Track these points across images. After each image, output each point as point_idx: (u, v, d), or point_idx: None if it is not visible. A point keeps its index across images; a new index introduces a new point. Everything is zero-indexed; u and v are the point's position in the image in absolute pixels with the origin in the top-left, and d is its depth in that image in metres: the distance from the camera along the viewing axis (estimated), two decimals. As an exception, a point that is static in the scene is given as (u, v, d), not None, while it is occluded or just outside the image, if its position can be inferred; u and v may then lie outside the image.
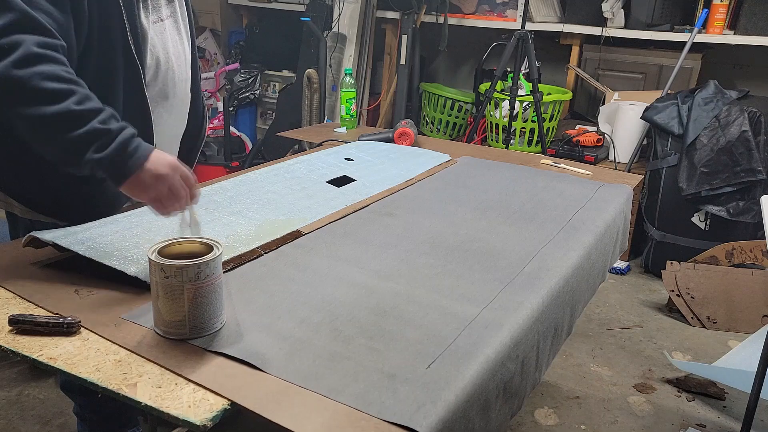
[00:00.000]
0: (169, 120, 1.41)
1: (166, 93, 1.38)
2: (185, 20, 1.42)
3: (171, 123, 1.43)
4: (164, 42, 1.34)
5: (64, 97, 1.03)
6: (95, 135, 1.03)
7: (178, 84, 1.41)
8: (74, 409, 1.72)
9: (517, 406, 1.07)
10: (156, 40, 1.32)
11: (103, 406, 1.62)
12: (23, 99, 1.03)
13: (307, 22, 3.73)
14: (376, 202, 1.55)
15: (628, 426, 2.06)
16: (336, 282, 1.14)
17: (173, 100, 1.40)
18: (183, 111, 1.47)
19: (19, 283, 1.08)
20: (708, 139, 2.83)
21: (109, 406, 1.62)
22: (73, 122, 1.03)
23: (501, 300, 1.11)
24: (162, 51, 1.34)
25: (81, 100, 1.04)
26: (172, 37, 1.37)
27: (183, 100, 1.45)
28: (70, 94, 1.03)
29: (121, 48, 1.23)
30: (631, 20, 3.47)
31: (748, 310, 2.65)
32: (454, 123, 3.93)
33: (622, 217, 1.69)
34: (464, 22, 3.86)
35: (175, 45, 1.38)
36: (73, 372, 0.87)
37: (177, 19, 1.39)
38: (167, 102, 1.39)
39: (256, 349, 0.92)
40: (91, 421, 1.68)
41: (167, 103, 1.39)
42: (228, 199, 1.44)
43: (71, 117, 1.03)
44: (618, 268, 3.17)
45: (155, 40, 1.32)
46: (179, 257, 0.93)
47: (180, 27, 1.40)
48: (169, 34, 1.36)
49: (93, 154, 1.03)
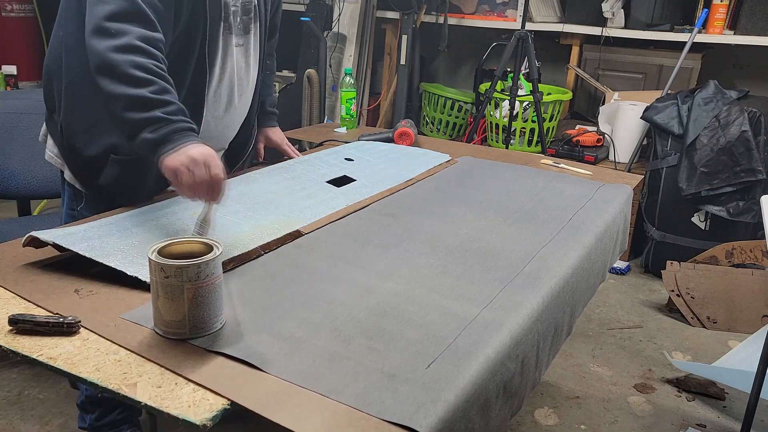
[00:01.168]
0: (216, 129, 1.55)
1: (219, 109, 1.53)
2: (256, 52, 1.58)
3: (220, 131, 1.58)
4: (232, 65, 1.50)
5: (144, 84, 1.20)
6: (155, 120, 1.19)
7: (235, 104, 1.56)
8: (78, 401, 1.73)
9: (517, 406, 1.07)
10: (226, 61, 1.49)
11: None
12: (113, 77, 1.20)
13: (307, 22, 3.73)
14: (376, 202, 1.55)
15: (628, 426, 2.06)
16: (336, 282, 1.14)
17: (226, 115, 1.56)
18: (236, 123, 1.63)
19: (19, 283, 1.08)
20: (708, 139, 2.83)
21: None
22: (142, 106, 1.19)
23: (501, 300, 1.11)
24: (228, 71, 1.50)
25: (157, 90, 1.21)
26: (239, 63, 1.53)
27: (236, 117, 1.60)
28: (150, 83, 1.20)
29: (197, 55, 1.40)
30: (631, 20, 3.47)
31: (748, 310, 2.65)
32: (454, 123, 3.93)
33: (622, 217, 1.69)
34: (464, 22, 3.86)
35: (240, 70, 1.54)
36: (73, 372, 0.87)
37: (248, 48, 1.55)
38: (220, 116, 1.54)
39: (256, 349, 0.92)
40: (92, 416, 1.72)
41: (220, 116, 1.54)
42: (228, 199, 1.44)
43: (142, 101, 1.19)
44: (618, 268, 3.17)
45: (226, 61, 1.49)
46: (179, 257, 0.93)
47: (249, 56, 1.56)
48: (236, 59, 1.52)
49: (146, 134, 1.19)
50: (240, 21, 1.49)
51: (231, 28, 1.47)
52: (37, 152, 2.15)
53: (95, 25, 1.22)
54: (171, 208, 1.36)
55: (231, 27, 1.47)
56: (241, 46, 1.52)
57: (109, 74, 1.20)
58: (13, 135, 2.18)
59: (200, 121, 1.46)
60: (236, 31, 1.49)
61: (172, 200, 1.41)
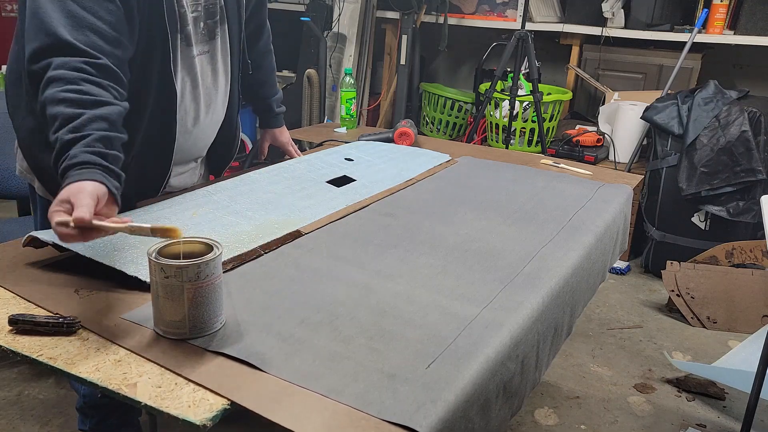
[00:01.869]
0: (186, 143, 1.48)
1: (187, 124, 1.46)
2: (225, 56, 1.50)
3: (192, 142, 1.51)
4: (194, 77, 1.42)
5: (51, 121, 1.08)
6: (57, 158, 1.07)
7: (202, 116, 1.49)
8: (77, 405, 1.73)
9: (517, 406, 1.07)
10: (186, 74, 1.40)
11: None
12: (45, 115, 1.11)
13: (307, 22, 3.73)
14: (376, 202, 1.55)
15: (628, 426, 2.06)
16: (336, 282, 1.14)
17: (195, 129, 1.49)
18: (208, 133, 1.56)
19: (19, 283, 1.08)
20: (708, 139, 2.84)
21: None
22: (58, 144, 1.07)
23: (501, 300, 1.11)
24: (190, 84, 1.42)
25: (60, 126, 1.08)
26: (203, 72, 1.45)
27: (206, 127, 1.53)
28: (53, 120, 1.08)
29: (157, 72, 1.32)
30: (631, 20, 3.47)
31: (748, 310, 2.65)
32: (454, 123, 3.93)
33: (622, 217, 1.69)
34: (464, 22, 3.86)
35: (205, 80, 1.46)
36: (73, 372, 0.87)
37: (215, 54, 1.47)
38: (188, 130, 1.47)
39: (256, 349, 0.92)
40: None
41: (188, 130, 1.47)
42: (228, 199, 1.44)
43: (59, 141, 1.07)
44: (618, 268, 3.17)
45: (185, 78, 1.40)
46: (179, 257, 0.93)
47: (217, 62, 1.48)
48: (201, 71, 1.43)
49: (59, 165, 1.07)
50: (204, 26, 1.40)
51: (189, 38, 1.37)
52: (37, 152, 2.15)
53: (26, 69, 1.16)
54: (171, 208, 1.36)
55: (189, 37, 1.37)
56: (206, 54, 1.44)
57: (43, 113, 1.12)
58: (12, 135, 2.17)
59: (173, 137, 1.42)
60: (199, 39, 1.40)
61: (172, 200, 1.41)
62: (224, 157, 1.68)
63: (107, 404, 1.67)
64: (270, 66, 1.79)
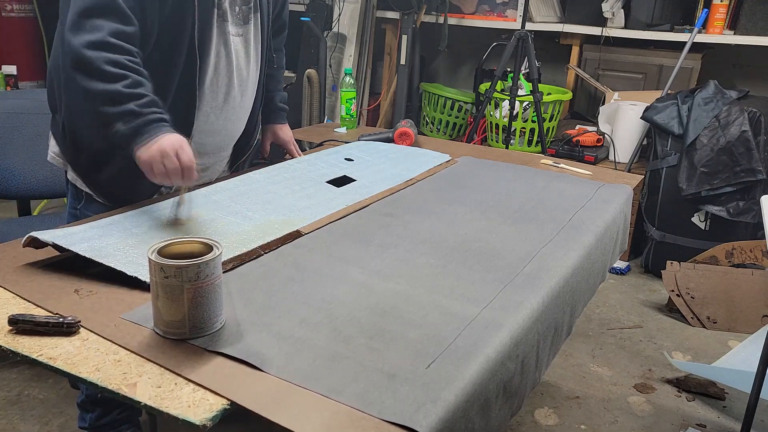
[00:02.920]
0: (217, 122, 1.54)
1: (218, 99, 1.51)
2: (257, 43, 1.57)
3: (222, 124, 1.56)
4: (229, 53, 1.49)
5: (117, 79, 1.23)
6: (127, 113, 1.23)
7: (235, 95, 1.54)
8: (78, 401, 1.73)
9: (517, 406, 1.07)
10: (221, 49, 1.47)
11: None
12: (87, 73, 1.24)
13: (307, 22, 3.73)
14: (376, 202, 1.55)
15: (628, 426, 2.06)
16: (336, 282, 1.14)
17: (226, 106, 1.53)
18: (240, 117, 1.60)
19: (19, 283, 1.08)
20: (708, 139, 2.83)
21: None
22: (115, 100, 1.23)
23: (501, 300, 1.11)
24: (225, 59, 1.48)
25: (130, 84, 1.24)
26: (238, 52, 1.51)
27: (238, 109, 1.58)
28: (123, 78, 1.24)
29: (187, 41, 1.39)
30: (631, 20, 3.47)
31: (748, 310, 2.65)
32: (454, 123, 3.93)
33: (622, 217, 1.69)
34: (464, 22, 3.86)
35: (239, 59, 1.52)
36: (73, 372, 0.87)
37: (248, 38, 1.54)
38: (219, 106, 1.52)
39: (256, 349, 0.92)
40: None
41: (219, 106, 1.52)
42: (228, 199, 1.44)
43: (115, 96, 1.23)
44: (618, 268, 3.17)
45: (221, 52, 1.47)
46: (179, 257, 0.93)
47: (249, 47, 1.55)
48: (235, 50, 1.50)
49: (120, 126, 1.24)
50: (239, 10, 1.48)
51: (225, 15, 1.45)
52: (37, 152, 2.15)
53: (70, 21, 1.25)
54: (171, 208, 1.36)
55: (225, 14, 1.45)
56: (241, 36, 1.51)
57: (84, 70, 1.24)
58: (13, 135, 2.18)
59: (194, 112, 1.45)
60: (234, 20, 1.48)
61: (172, 200, 1.41)
62: (243, 149, 1.70)
63: (108, 399, 1.68)
64: (279, 62, 1.82)
